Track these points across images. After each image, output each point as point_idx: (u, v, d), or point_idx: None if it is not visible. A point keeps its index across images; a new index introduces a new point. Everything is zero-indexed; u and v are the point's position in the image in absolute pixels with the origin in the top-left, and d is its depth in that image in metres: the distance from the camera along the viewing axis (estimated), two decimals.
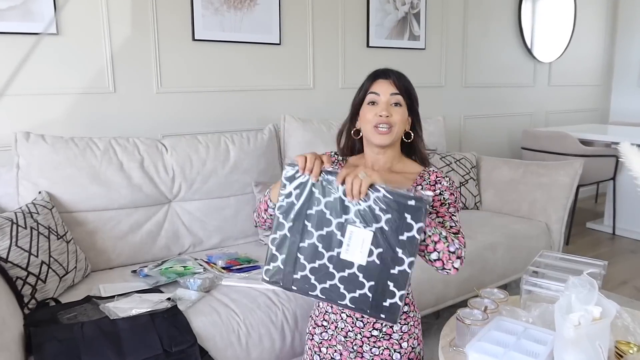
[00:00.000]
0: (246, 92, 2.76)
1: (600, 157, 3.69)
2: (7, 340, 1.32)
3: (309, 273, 1.11)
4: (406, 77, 1.32)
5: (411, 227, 1.04)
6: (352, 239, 1.07)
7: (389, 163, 1.32)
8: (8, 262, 1.58)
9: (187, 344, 1.48)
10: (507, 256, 2.52)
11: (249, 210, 2.35)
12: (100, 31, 2.27)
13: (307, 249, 1.10)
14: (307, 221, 1.09)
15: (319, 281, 1.10)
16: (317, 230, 1.09)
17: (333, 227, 1.08)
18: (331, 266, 1.09)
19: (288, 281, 1.12)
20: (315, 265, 1.10)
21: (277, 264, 1.12)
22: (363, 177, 1.03)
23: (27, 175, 1.93)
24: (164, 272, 1.88)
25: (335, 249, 1.08)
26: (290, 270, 1.11)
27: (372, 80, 1.31)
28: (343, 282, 1.09)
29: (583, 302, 1.14)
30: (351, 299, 1.09)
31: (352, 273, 1.08)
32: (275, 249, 1.12)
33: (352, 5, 3.09)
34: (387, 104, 1.27)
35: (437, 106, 3.63)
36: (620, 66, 5.08)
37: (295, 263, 1.11)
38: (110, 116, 2.36)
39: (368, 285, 1.08)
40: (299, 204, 1.10)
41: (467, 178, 2.94)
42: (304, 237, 1.10)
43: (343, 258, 1.08)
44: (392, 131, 1.26)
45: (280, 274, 1.12)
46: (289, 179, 1.10)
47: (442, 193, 1.25)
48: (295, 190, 1.09)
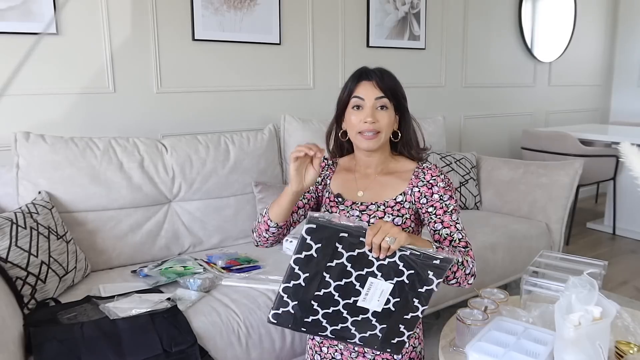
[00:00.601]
0: (246, 92, 2.76)
1: (600, 157, 3.69)
2: (6, 340, 1.32)
3: (321, 317, 1.10)
4: (390, 75, 1.28)
5: (432, 282, 1.05)
6: (372, 289, 1.06)
7: (381, 164, 1.31)
8: (8, 262, 1.58)
9: (187, 344, 1.48)
10: (507, 256, 2.52)
11: (249, 210, 2.35)
12: (100, 31, 2.27)
13: (323, 297, 1.08)
14: (325, 273, 1.06)
15: (331, 324, 1.11)
16: (336, 281, 1.07)
17: (352, 279, 1.06)
18: (345, 312, 1.09)
19: (298, 324, 1.11)
20: (329, 311, 1.09)
21: (287, 309, 1.10)
22: (391, 242, 1.00)
23: (27, 175, 1.93)
24: (164, 272, 1.88)
25: (352, 298, 1.07)
26: (301, 315, 1.10)
27: (356, 81, 1.27)
28: (355, 325, 1.10)
29: (583, 302, 1.13)
30: (361, 338, 1.12)
31: (366, 317, 1.09)
32: (286, 297, 1.09)
33: (352, 5, 3.09)
34: (372, 108, 1.23)
35: (437, 106, 3.63)
36: (621, 66, 5.08)
37: (308, 309, 1.09)
38: (110, 116, 2.36)
39: (380, 327, 1.10)
40: (319, 257, 1.04)
41: (467, 178, 2.93)
42: (321, 287, 1.07)
43: (360, 305, 1.08)
44: (378, 136, 1.23)
45: (291, 319, 1.11)
46: (310, 233, 1.04)
47: (442, 197, 1.23)
48: (317, 245, 1.04)
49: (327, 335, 1.12)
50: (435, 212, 1.23)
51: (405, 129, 1.31)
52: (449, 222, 1.23)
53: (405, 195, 1.26)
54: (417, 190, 1.25)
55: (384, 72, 1.27)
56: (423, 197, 1.24)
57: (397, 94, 1.27)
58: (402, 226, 1.24)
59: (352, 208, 1.28)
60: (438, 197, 1.24)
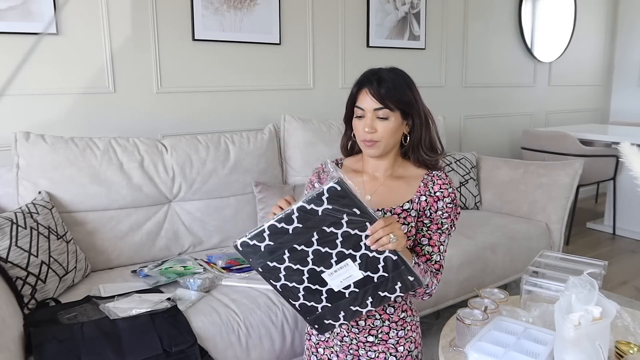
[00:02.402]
0: (246, 92, 2.76)
1: (600, 157, 3.69)
2: (6, 340, 1.32)
3: (282, 269, 1.09)
4: (394, 80, 1.21)
5: (394, 292, 1.10)
6: (343, 270, 1.09)
7: (390, 169, 1.29)
8: (8, 262, 1.58)
9: (187, 344, 1.48)
10: (507, 256, 2.52)
11: (249, 210, 2.35)
12: (100, 31, 2.27)
13: (297, 252, 1.07)
14: (316, 234, 1.05)
15: (286, 279, 1.11)
16: (318, 246, 1.07)
17: (334, 252, 1.07)
18: (306, 276, 1.10)
19: (257, 262, 1.09)
20: (294, 267, 1.09)
21: (259, 245, 1.06)
22: (393, 240, 1.03)
23: (27, 175, 1.93)
24: (164, 272, 1.88)
25: (321, 267, 1.09)
26: (268, 257, 1.08)
27: (357, 89, 1.24)
28: (305, 291, 1.12)
29: (583, 302, 1.13)
30: (301, 304, 1.14)
31: (318, 289, 1.11)
32: (267, 234, 1.05)
33: (352, 5, 3.09)
34: (372, 119, 1.20)
35: (437, 106, 3.62)
36: (621, 66, 5.08)
37: (278, 256, 1.08)
38: (110, 116, 2.36)
39: (323, 304, 1.13)
40: (322, 216, 1.03)
41: (467, 178, 2.93)
42: (302, 244, 1.06)
43: (322, 277, 1.10)
44: (377, 145, 1.22)
45: (256, 255, 1.07)
46: (330, 192, 1.01)
47: (442, 217, 1.24)
48: (328, 205, 1.01)
49: (276, 287, 1.12)
50: (430, 226, 1.24)
51: (414, 133, 1.26)
52: (436, 242, 1.24)
53: (413, 203, 1.25)
54: (424, 199, 1.25)
55: (383, 79, 1.21)
56: (428, 209, 1.24)
57: (402, 100, 1.21)
58: (407, 234, 1.24)
59: None
60: (440, 214, 1.24)
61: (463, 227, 2.47)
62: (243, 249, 1.08)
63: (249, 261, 1.09)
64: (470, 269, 2.34)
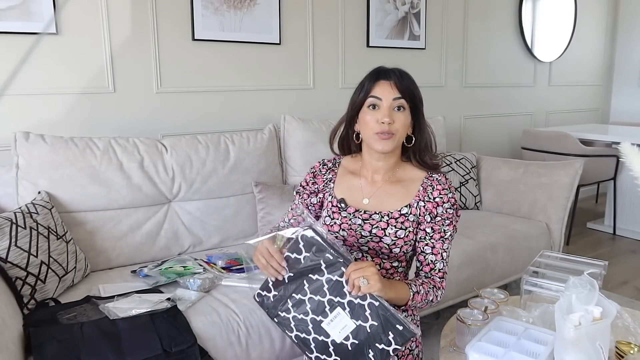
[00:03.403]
0: (246, 92, 2.76)
1: (600, 157, 3.68)
2: (6, 340, 1.32)
3: (291, 318, 1.15)
4: (409, 77, 1.25)
5: (390, 344, 1.07)
6: (337, 319, 1.10)
7: (390, 170, 1.28)
8: (7, 262, 1.58)
9: (187, 344, 1.48)
10: (507, 256, 2.52)
11: (249, 210, 2.35)
12: (100, 31, 2.27)
13: (297, 301, 1.13)
14: (306, 282, 1.11)
15: (297, 329, 1.15)
16: (311, 294, 1.12)
17: (325, 300, 1.10)
18: (311, 325, 1.13)
19: (272, 313, 1.18)
20: (299, 316, 1.14)
21: (268, 295, 1.17)
22: (363, 284, 1.03)
23: (26, 175, 1.92)
24: (163, 272, 1.88)
25: (319, 317, 1.11)
26: (277, 307, 1.16)
27: (374, 80, 1.22)
28: (315, 342, 1.13)
29: (583, 302, 1.13)
30: (316, 357, 1.15)
31: (325, 341, 1.12)
32: (271, 284, 1.17)
33: (352, 5, 3.09)
34: (389, 109, 1.19)
35: (437, 106, 3.63)
36: (621, 66, 5.08)
37: (283, 306, 1.15)
38: (110, 116, 2.36)
39: (333, 358, 1.13)
40: (305, 263, 1.10)
41: (467, 178, 2.93)
42: (298, 292, 1.13)
43: (323, 327, 1.11)
44: (394, 137, 1.20)
45: (270, 305, 1.18)
46: (304, 239, 1.09)
47: (444, 224, 1.23)
48: (306, 253, 1.09)
49: (292, 338, 1.16)
50: (432, 234, 1.23)
51: (419, 134, 1.27)
52: (439, 250, 1.23)
53: (411, 207, 1.24)
54: (422, 205, 1.23)
55: (403, 74, 1.24)
56: (427, 215, 1.23)
57: (415, 97, 1.24)
58: (405, 239, 1.23)
59: (355, 216, 1.25)
60: (440, 220, 1.23)
61: (463, 227, 2.46)
62: (259, 300, 1.18)
63: (267, 313, 1.18)
64: (470, 269, 2.34)
